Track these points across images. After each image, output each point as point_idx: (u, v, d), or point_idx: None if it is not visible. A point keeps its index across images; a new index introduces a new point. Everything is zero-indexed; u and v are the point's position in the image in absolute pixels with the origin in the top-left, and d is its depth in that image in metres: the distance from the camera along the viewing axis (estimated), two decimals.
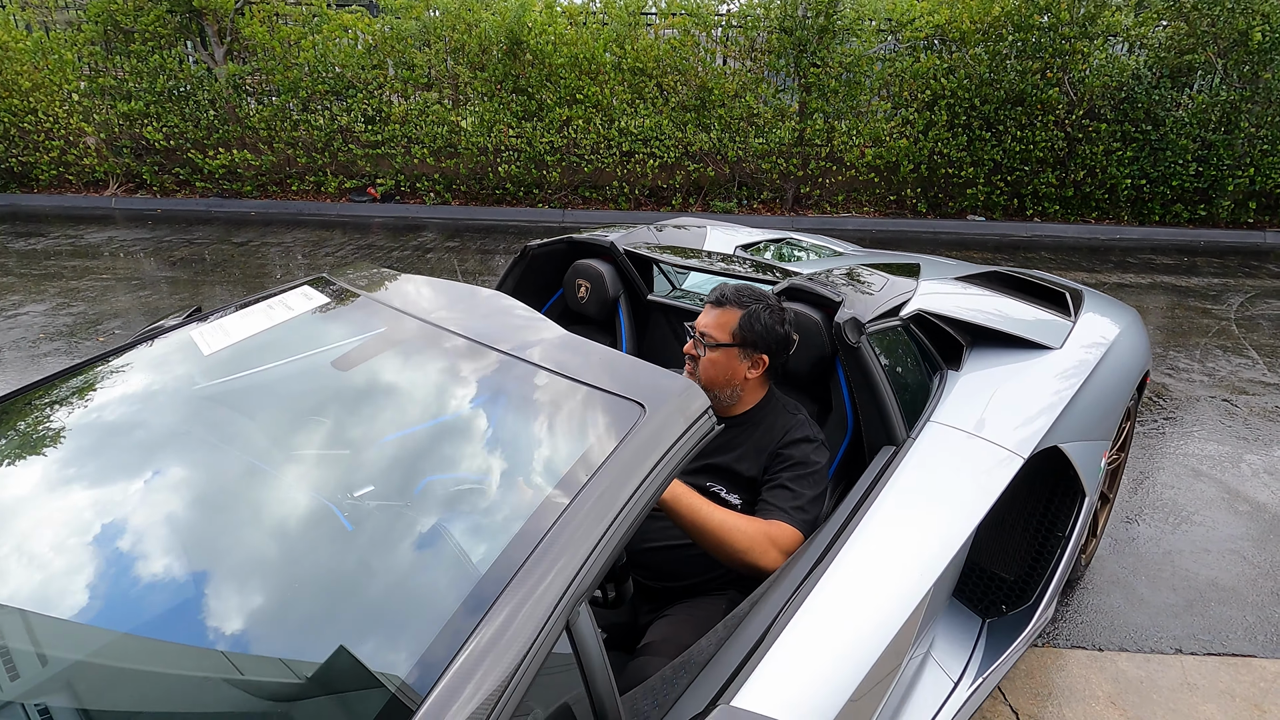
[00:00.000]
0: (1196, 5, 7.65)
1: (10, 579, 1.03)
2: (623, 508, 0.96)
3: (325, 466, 1.22)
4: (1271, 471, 3.32)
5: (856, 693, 1.17)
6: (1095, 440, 2.06)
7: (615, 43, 8.26)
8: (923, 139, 8.28)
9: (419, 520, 1.07)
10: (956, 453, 1.70)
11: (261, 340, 1.54)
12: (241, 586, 1.01)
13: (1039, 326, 2.27)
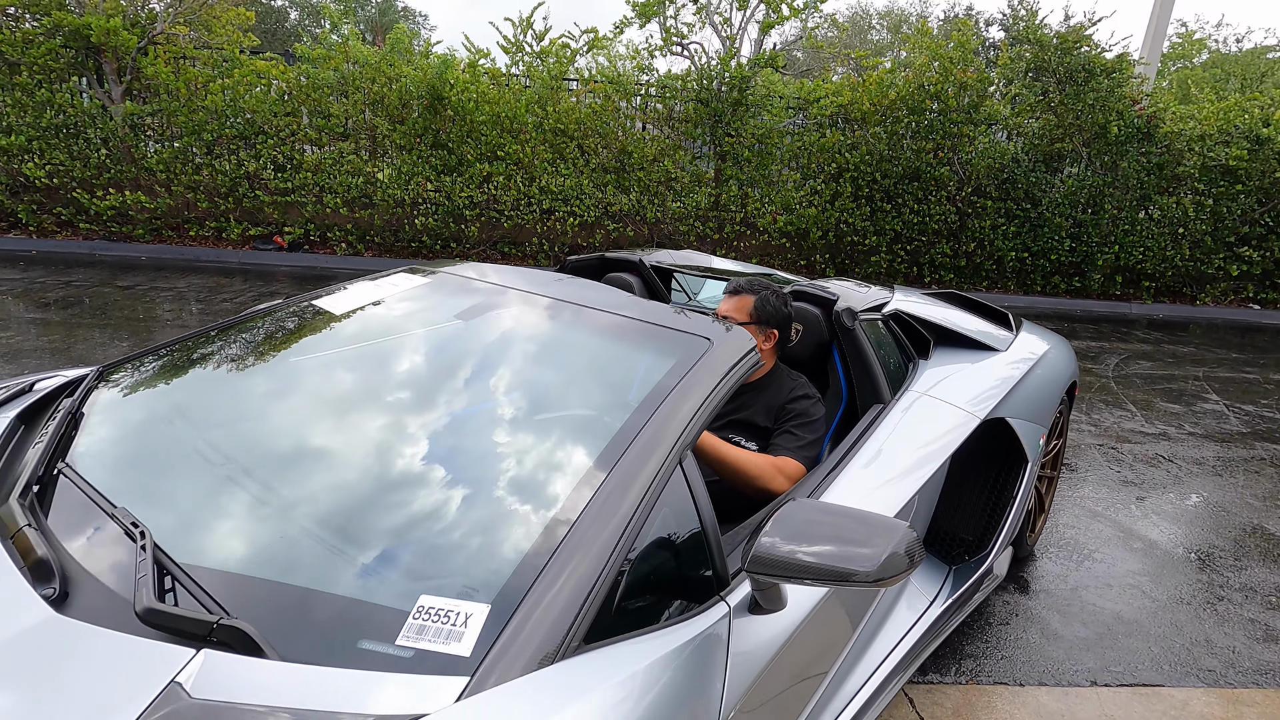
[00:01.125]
0: (1063, 100, 8.56)
1: (244, 439, 1.48)
2: (707, 396, 1.38)
3: (482, 376, 1.62)
4: (1159, 512, 3.51)
5: None
6: (1034, 423, 2.52)
7: (537, 104, 8.41)
8: (830, 208, 8.75)
9: (568, 403, 1.55)
10: (929, 410, 2.16)
11: (390, 305, 1.91)
12: (447, 439, 1.44)
13: (989, 335, 2.80)
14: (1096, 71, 8.46)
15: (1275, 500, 3.74)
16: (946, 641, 2.38)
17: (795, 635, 1.33)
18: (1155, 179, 8.83)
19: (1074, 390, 3.12)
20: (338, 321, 1.84)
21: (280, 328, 1.87)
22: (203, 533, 1.22)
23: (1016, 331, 2.97)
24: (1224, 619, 2.65)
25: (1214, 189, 8.85)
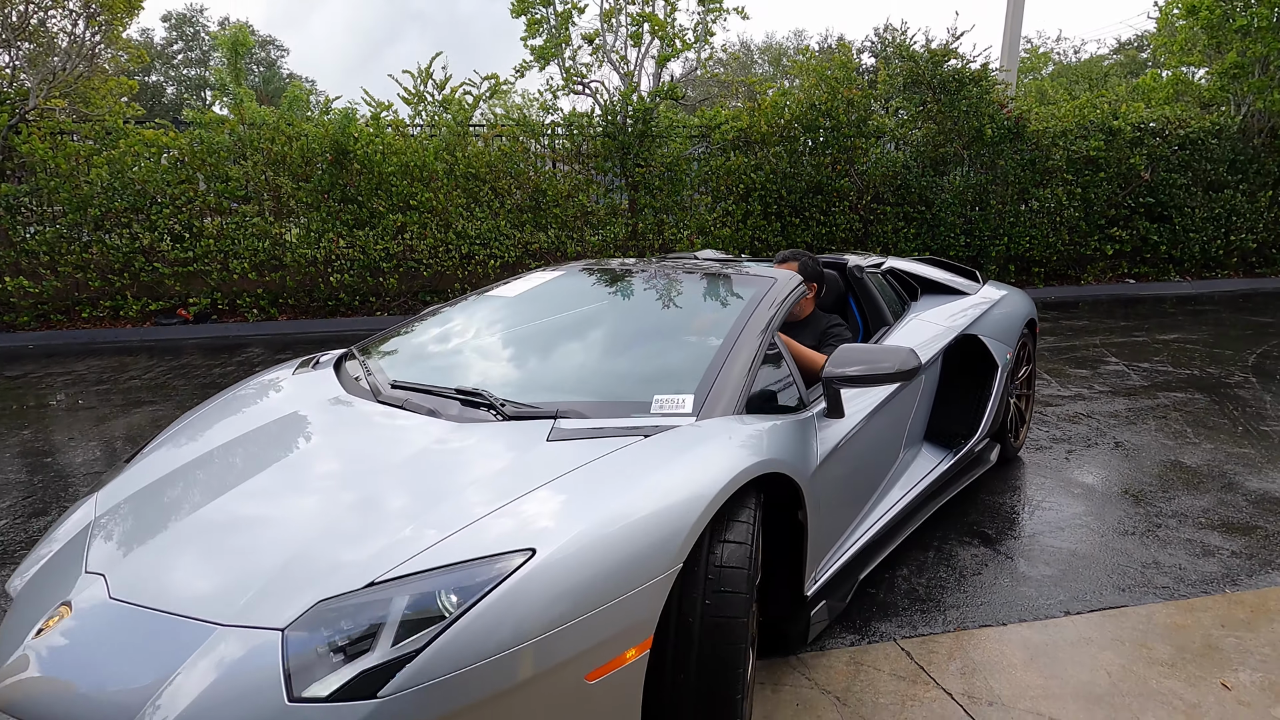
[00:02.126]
0: (940, 109, 9.25)
1: (517, 359, 2.50)
2: (779, 302, 2.37)
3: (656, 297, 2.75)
4: (1089, 460, 3.75)
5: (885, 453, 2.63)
6: (1001, 342, 3.36)
7: (446, 151, 8.41)
8: (743, 227, 9.07)
9: (707, 306, 2.63)
10: (921, 326, 3.15)
11: (552, 280, 2.91)
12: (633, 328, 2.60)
13: (961, 284, 3.74)
14: (966, 81, 9.21)
15: (1185, 438, 4.07)
16: (930, 598, 2.46)
17: (852, 433, 2.25)
18: (1030, 174, 9.62)
19: (1034, 327, 3.98)
20: (531, 283, 2.89)
21: (514, 297, 2.83)
22: (533, 381, 2.32)
23: (982, 283, 3.92)
24: (1165, 542, 2.85)
25: (1081, 178, 9.71)
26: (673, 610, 1.49)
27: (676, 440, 1.76)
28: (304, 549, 1.49)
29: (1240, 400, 4.78)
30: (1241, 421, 4.34)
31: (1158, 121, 9.99)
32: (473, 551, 1.40)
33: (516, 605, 1.31)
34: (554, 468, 1.64)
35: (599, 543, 1.43)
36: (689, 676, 1.51)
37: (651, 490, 1.55)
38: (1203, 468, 3.62)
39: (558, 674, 1.32)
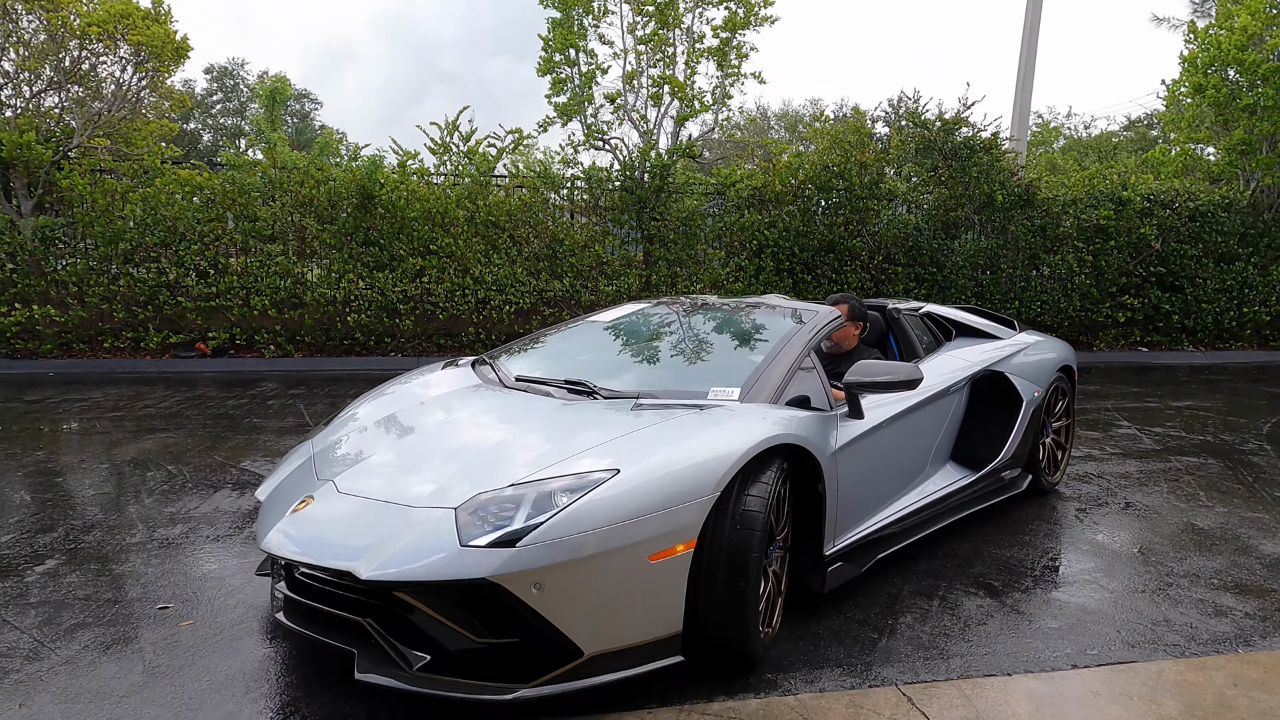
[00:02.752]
0: (951, 174, 9.46)
1: (607, 366, 3.10)
2: (818, 329, 3.05)
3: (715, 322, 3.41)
4: (1100, 520, 3.70)
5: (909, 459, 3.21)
6: (1029, 380, 3.78)
7: (468, 199, 8.66)
8: (755, 282, 9.19)
9: (761, 329, 3.24)
10: (949, 361, 3.65)
11: (637, 311, 3.64)
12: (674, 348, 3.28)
13: (995, 328, 4.16)
14: (976, 148, 9.43)
15: (1197, 500, 4.01)
16: (934, 645, 2.41)
17: (870, 432, 2.80)
18: (1040, 240, 9.74)
19: (1072, 374, 4.29)
20: (619, 313, 3.61)
21: (607, 321, 3.53)
22: (622, 377, 2.96)
23: (1018, 331, 4.30)
24: (1176, 601, 2.78)
25: (1091, 246, 9.82)
26: (709, 528, 2.11)
27: (722, 414, 2.43)
28: (463, 465, 2.25)
29: (1254, 466, 4.71)
30: (1255, 487, 4.27)
31: (1167, 194, 10.14)
32: (575, 469, 2.11)
33: (602, 503, 1.98)
34: (634, 425, 2.36)
35: (659, 468, 2.10)
36: (717, 576, 2.11)
37: (701, 442, 2.24)
38: (1215, 530, 3.55)
39: (628, 552, 1.98)
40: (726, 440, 2.22)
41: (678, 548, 2.04)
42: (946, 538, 3.38)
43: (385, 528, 2.04)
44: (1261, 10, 10.12)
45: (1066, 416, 4.25)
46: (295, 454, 2.74)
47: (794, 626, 2.53)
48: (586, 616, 1.95)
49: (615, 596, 1.98)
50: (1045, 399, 3.92)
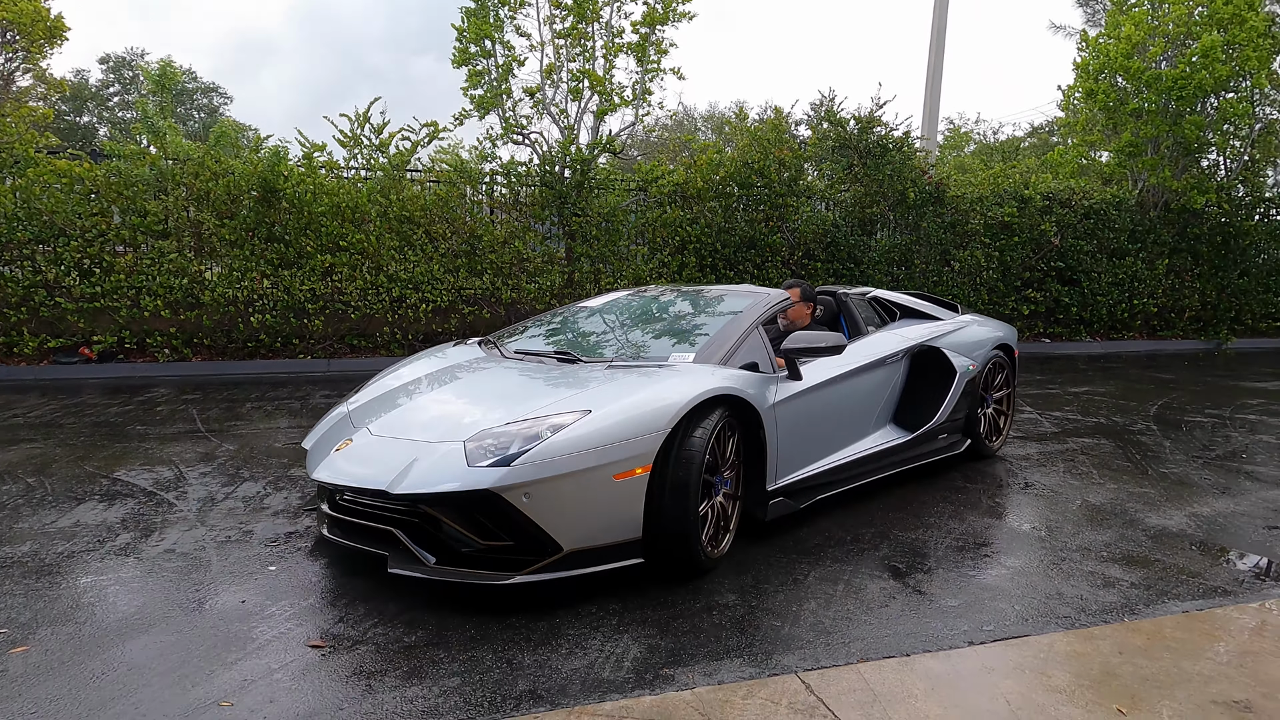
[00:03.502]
0: (866, 172, 9.70)
1: (590, 340, 3.74)
2: (768, 307, 3.59)
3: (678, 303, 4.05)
4: (1002, 499, 3.79)
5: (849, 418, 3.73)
6: (964, 355, 4.28)
7: (380, 193, 8.32)
8: (678, 278, 9.18)
9: (719, 305, 3.80)
10: (889, 336, 4.11)
11: (616, 298, 4.25)
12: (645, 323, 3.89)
13: (936, 310, 4.64)
14: (889, 147, 9.71)
15: (1090, 479, 4.17)
16: (836, 630, 2.38)
17: (805, 392, 3.29)
18: (951, 236, 10.10)
19: (1010, 351, 4.75)
20: (603, 300, 4.23)
21: (591, 307, 4.15)
22: (600, 348, 3.56)
23: (960, 313, 4.76)
24: (1069, 575, 2.86)
25: (998, 242, 10.25)
26: (662, 457, 2.63)
27: (677, 371, 2.97)
28: (471, 412, 2.82)
29: (1142, 445, 4.96)
30: (1143, 464, 4.49)
31: (1064, 192, 10.69)
32: (557, 410, 2.65)
33: (577, 435, 2.50)
34: (604, 380, 2.94)
35: (622, 410, 2.63)
36: (665, 495, 2.63)
37: (656, 391, 2.75)
38: (1106, 506, 3.70)
39: (597, 471, 2.49)
40: (677, 389, 2.75)
41: (637, 470, 2.56)
42: (855, 524, 3.39)
43: (409, 458, 2.58)
44: (1144, 21, 10.80)
45: (1006, 388, 4.72)
46: (333, 413, 3.36)
47: (696, 619, 2.46)
48: (565, 520, 2.47)
49: (588, 506, 2.52)
50: (982, 373, 4.43)
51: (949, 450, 4.24)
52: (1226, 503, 3.75)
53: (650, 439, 2.58)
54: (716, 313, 3.65)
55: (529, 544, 2.45)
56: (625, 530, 2.58)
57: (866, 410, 3.82)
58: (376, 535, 2.64)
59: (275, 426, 5.23)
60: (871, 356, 3.82)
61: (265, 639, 2.28)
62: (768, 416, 3.03)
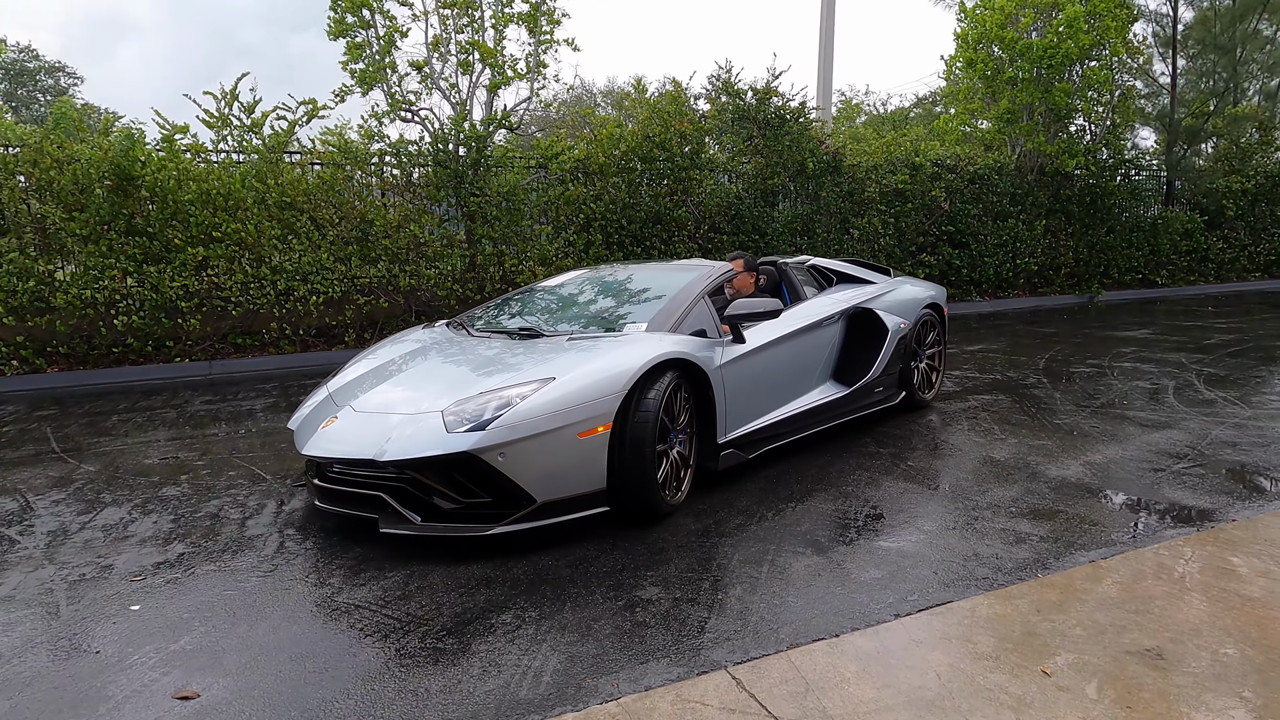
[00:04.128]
0: (765, 143, 9.74)
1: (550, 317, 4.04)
2: (712, 277, 3.93)
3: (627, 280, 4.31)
4: (909, 462, 3.86)
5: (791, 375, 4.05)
6: (895, 315, 4.58)
7: (255, 178, 7.65)
8: (585, 257, 8.96)
9: (668, 282, 3.98)
10: (825, 300, 4.40)
11: (574, 277, 4.57)
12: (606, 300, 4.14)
13: (872, 275, 4.96)
14: (787, 117, 9.78)
15: (992, 434, 4.33)
16: (764, 617, 2.31)
17: (749, 354, 3.61)
18: (849, 204, 10.33)
19: (940, 309, 5.13)
20: (561, 279, 4.54)
21: (549, 286, 4.48)
22: (559, 323, 3.84)
23: (893, 276, 5.11)
24: (983, 534, 2.91)
25: (893, 209, 10.57)
26: (620, 417, 2.90)
27: (631, 340, 3.24)
28: (446, 385, 3.06)
29: (1036, 399, 5.21)
30: (1039, 417, 4.70)
31: (951, 158, 11.14)
32: (524, 379, 2.91)
33: (543, 400, 2.76)
34: (565, 350, 3.21)
35: (583, 376, 2.89)
36: (625, 449, 2.91)
37: (613, 358, 3.02)
38: (1009, 460, 3.83)
39: (563, 431, 2.75)
40: (631, 356, 3.03)
41: (599, 428, 2.83)
42: (776, 499, 3.35)
43: (393, 429, 2.83)
44: None
45: (938, 344, 5.11)
46: (314, 394, 3.60)
47: (618, 619, 2.33)
48: (537, 475, 2.74)
49: (556, 462, 2.78)
50: (914, 330, 4.78)
51: (885, 402, 4.59)
52: (1115, 449, 3.96)
53: (609, 400, 2.86)
54: (666, 286, 3.89)
55: (505, 499, 2.76)
56: (591, 482, 2.87)
57: (807, 368, 4.14)
58: (365, 501, 2.90)
59: (148, 440, 4.71)
60: (810, 319, 4.15)
61: (122, 695, 1.97)
62: (715, 377, 3.34)
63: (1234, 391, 5.20)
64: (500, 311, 4.19)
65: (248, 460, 4.20)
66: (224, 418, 5.33)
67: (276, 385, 6.62)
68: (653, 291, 3.88)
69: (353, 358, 3.99)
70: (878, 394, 4.51)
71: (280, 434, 4.74)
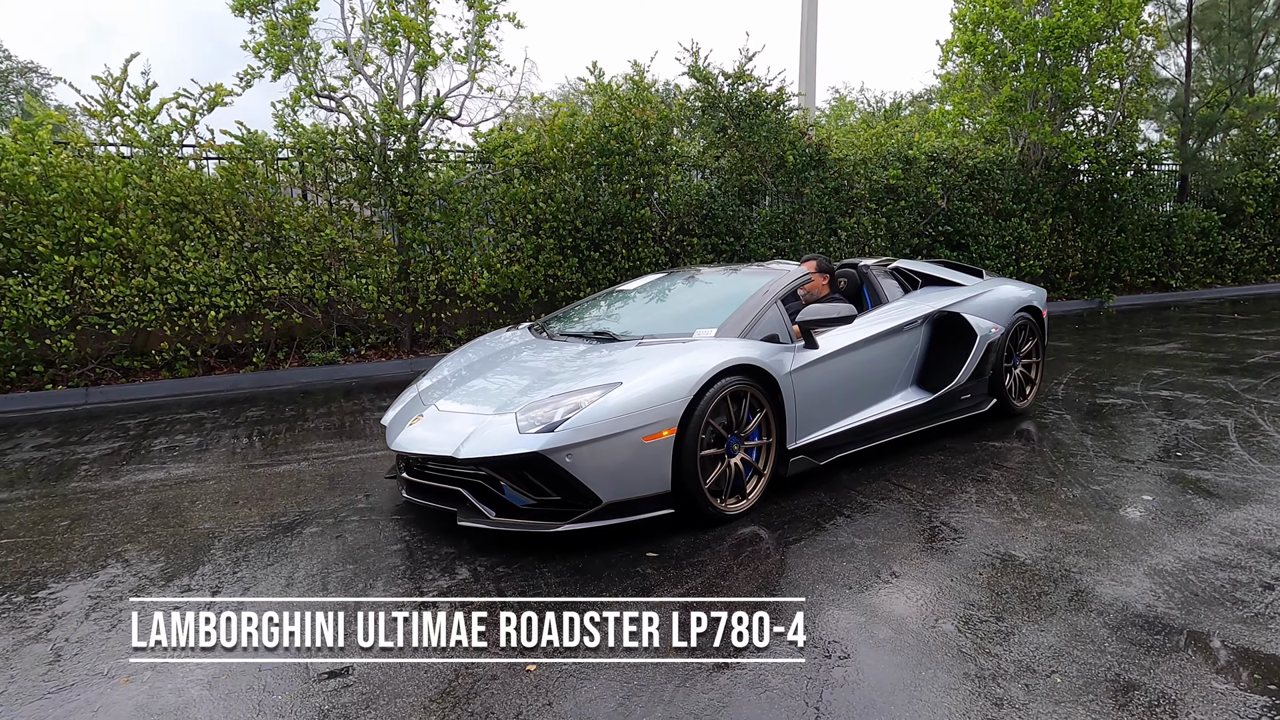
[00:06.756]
0: (740, 134, 8.67)
1: (624, 320, 4.10)
2: (790, 281, 3.91)
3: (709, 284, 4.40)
4: (888, 566, 2.79)
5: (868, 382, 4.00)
6: (986, 319, 4.46)
7: (138, 174, 6.55)
8: (535, 263, 7.89)
9: (725, 288, 4.15)
10: (910, 304, 4.37)
11: (649, 281, 4.69)
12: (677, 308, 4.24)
13: (961, 277, 4.83)
14: (763, 105, 8.71)
15: (1010, 511, 3.25)
16: None
17: (821, 359, 3.61)
18: (835, 202, 9.27)
19: (1037, 312, 4.87)
20: (636, 284, 4.66)
21: (626, 290, 4.58)
22: (633, 328, 3.85)
23: (985, 278, 4.92)
24: None
25: (884, 207, 9.52)
26: (685, 421, 2.99)
27: (700, 345, 3.31)
28: (522, 387, 3.24)
29: (1061, 447, 4.14)
30: (1069, 480, 3.63)
31: (948, 151, 10.08)
32: (594, 383, 3.04)
33: (610, 404, 2.90)
34: (636, 355, 3.29)
35: (650, 381, 3.00)
36: (687, 453, 2.98)
37: (681, 363, 3.11)
38: (1037, 563, 2.75)
39: (629, 434, 2.89)
40: (698, 361, 3.10)
41: (664, 433, 2.93)
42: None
43: (472, 428, 3.01)
44: None
45: (1036, 352, 4.88)
46: (406, 393, 3.84)
47: None
48: (603, 477, 2.86)
49: (622, 464, 2.88)
50: (1008, 334, 4.60)
51: (974, 409, 4.46)
52: (1188, 541, 2.84)
53: (674, 405, 2.94)
54: (739, 290, 3.87)
55: (573, 498, 2.84)
56: (655, 485, 2.94)
57: (885, 374, 4.04)
58: (447, 495, 3.07)
59: None
60: (890, 324, 4.06)
61: None
62: (785, 383, 3.36)
63: None
64: (578, 315, 4.35)
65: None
66: (34, 474, 4.22)
67: (149, 419, 5.52)
68: (725, 296, 3.89)
69: (448, 354, 4.53)
70: (965, 401, 4.36)
71: (86, 501, 3.64)
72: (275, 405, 5.98)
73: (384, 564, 2.83)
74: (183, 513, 3.46)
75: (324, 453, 4.47)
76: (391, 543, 3.04)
